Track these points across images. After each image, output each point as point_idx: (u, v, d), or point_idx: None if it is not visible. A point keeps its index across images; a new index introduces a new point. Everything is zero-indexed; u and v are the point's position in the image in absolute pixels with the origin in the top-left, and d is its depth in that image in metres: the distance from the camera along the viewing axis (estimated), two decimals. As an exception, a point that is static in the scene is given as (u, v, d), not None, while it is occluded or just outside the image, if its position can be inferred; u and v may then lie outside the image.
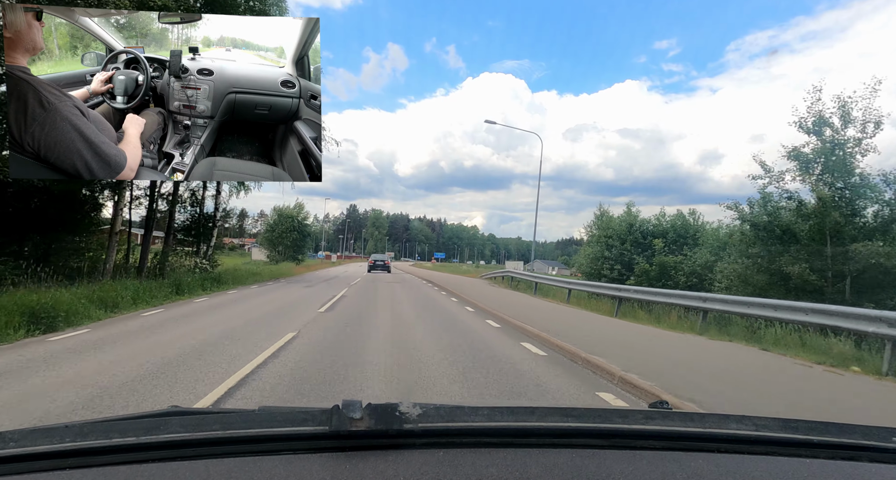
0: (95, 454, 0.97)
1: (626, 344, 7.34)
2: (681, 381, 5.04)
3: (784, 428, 1.12)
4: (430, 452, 0.99)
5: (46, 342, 6.73)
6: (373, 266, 38.34)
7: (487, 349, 6.92)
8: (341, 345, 6.74)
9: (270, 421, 1.09)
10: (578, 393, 4.91)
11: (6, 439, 0.99)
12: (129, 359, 5.52)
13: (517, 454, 1.00)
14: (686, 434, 1.11)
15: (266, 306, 11.83)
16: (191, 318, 9.29)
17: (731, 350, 7.10)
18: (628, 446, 1.06)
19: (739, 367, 5.94)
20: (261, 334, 7.42)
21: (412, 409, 1.02)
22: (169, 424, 1.06)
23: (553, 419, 1.16)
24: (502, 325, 9.66)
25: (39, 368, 5.15)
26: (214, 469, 0.92)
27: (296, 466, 0.93)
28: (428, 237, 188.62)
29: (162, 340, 6.84)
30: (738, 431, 1.10)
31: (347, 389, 4.51)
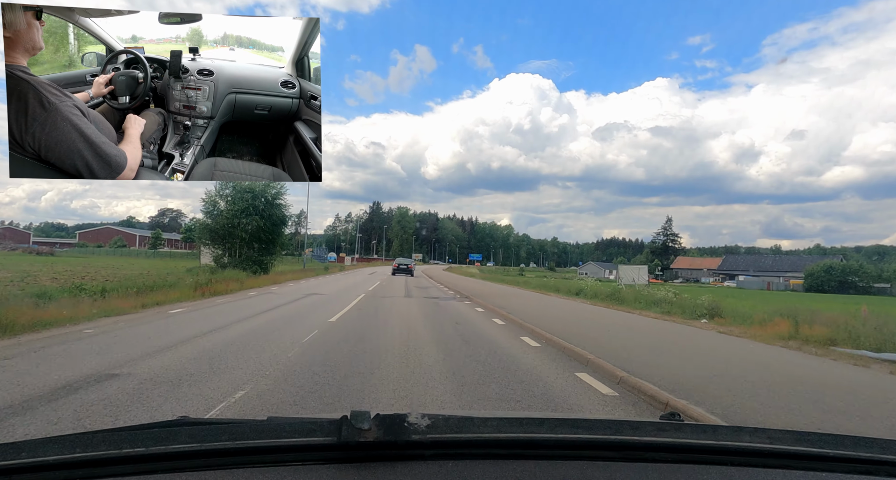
0: (105, 464, 0.97)
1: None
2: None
3: (798, 441, 1.10)
4: (439, 463, 0.98)
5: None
6: (396, 270, 44.39)
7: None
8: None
9: (279, 432, 1.08)
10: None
11: (19, 449, 1.00)
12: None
13: (527, 465, 0.99)
14: (698, 446, 1.08)
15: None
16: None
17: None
18: (639, 458, 1.04)
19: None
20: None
21: (421, 420, 1.01)
22: (178, 435, 1.06)
23: (563, 430, 1.14)
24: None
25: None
26: (224, 479, 0.93)
27: (304, 477, 0.93)
28: (459, 238, 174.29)
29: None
30: (752, 444, 1.08)
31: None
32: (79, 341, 8.48)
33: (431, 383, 6.09)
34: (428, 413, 1.04)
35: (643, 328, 11.96)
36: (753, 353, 8.62)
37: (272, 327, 10.75)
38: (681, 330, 11.64)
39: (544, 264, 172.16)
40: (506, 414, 2.12)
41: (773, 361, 7.98)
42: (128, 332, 9.63)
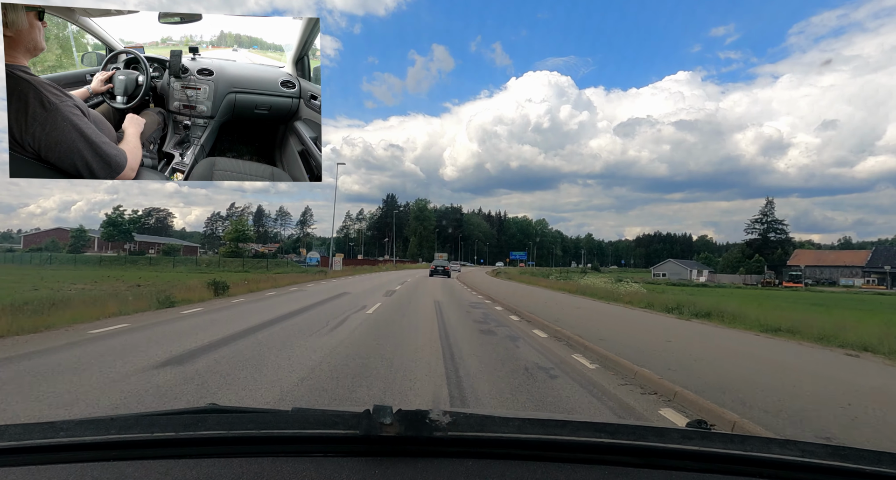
0: (137, 447, 1.01)
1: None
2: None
3: (833, 456, 1.04)
4: (459, 461, 0.98)
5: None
6: (434, 271, 44.57)
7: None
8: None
9: (303, 423, 1.10)
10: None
11: (57, 428, 1.05)
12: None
13: (547, 468, 0.98)
14: (726, 456, 1.03)
15: None
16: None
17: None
18: (663, 465, 1.01)
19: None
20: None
21: (442, 417, 1.01)
22: (207, 421, 1.10)
23: (585, 433, 1.11)
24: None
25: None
26: (249, 467, 0.94)
27: (326, 468, 0.94)
28: (486, 235, 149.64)
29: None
30: (783, 456, 1.03)
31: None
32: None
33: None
34: (449, 410, 1.04)
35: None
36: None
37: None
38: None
39: (586, 263, 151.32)
40: (528, 415, 2.10)
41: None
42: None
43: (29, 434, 1.03)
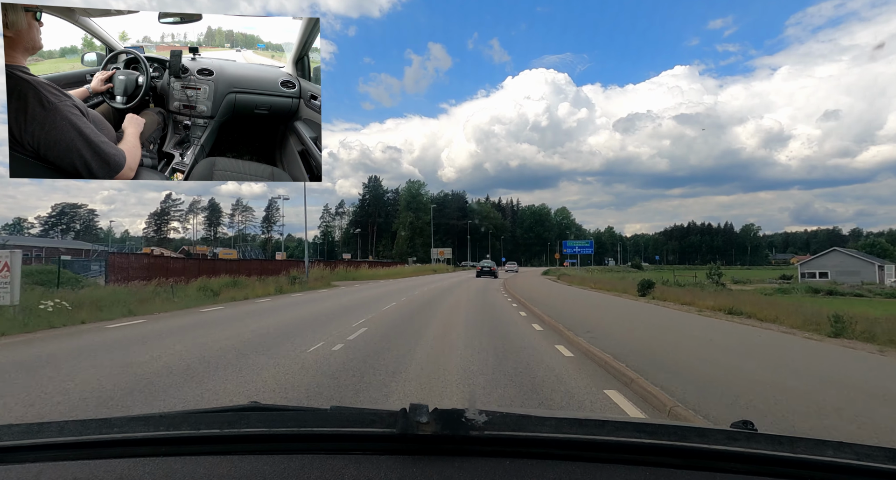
0: (186, 443, 1.05)
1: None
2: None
3: (891, 459, 0.97)
4: (496, 460, 0.97)
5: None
6: (480, 272, 43.90)
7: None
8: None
9: (342, 421, 1.12)
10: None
11: (111, 425, 1.10)
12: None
13: (586, 468, 0.96)
14: (774, 458, 0.98)
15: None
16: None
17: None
18: (707, 467, 0.98)
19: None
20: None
21: (478, 416, 1.01)
22: (249, 419, 1.13)
23: (625, 433, 1.08)
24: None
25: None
26: (290, 463, 0.96)
27: (365, 466, 0.95)
28: (498, 227, 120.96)
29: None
30: (836, 459, 0.97)
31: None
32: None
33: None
34: (485, 410, 1.03)
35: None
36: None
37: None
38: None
39: (623, 262, 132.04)
40: (565, 414, 2.08)
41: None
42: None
43: (86, 430, 1.07)
